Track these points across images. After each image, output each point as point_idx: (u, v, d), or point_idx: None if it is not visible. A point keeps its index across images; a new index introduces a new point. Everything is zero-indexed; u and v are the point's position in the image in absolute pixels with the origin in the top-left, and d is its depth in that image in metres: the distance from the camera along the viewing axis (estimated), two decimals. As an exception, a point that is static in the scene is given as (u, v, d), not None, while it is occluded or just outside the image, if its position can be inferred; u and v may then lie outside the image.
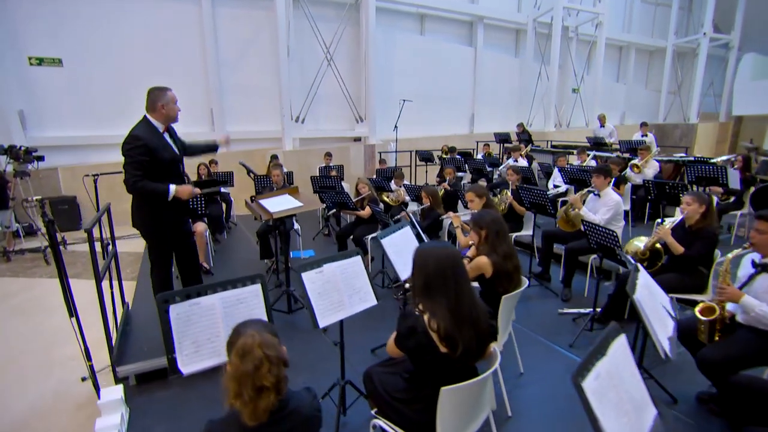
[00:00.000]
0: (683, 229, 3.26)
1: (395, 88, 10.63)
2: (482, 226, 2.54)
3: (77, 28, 7.38)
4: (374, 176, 7.55)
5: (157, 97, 2.83)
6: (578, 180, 5.41)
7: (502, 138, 10.33)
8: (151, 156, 2.70)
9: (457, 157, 8.07)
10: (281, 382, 1.27)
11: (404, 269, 2.71)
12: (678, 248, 3.12)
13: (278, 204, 3.27)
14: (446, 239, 4.27)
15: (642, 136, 8.32)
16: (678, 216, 3.32)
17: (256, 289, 1.85)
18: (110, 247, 3.39)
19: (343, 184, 6.97)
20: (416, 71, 11.19)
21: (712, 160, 5.94)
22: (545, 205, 4.11)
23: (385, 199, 5.87)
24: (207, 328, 1.70)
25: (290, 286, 3.64)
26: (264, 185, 6.06)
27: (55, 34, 7.23)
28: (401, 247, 2.79)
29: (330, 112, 10.01)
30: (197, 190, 2.95)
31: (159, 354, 2.84)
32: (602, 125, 9.80)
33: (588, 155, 7.08)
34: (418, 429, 1.72)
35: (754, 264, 2.48)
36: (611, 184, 4.27)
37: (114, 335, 3.03)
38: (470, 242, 2.60)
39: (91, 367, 2.51)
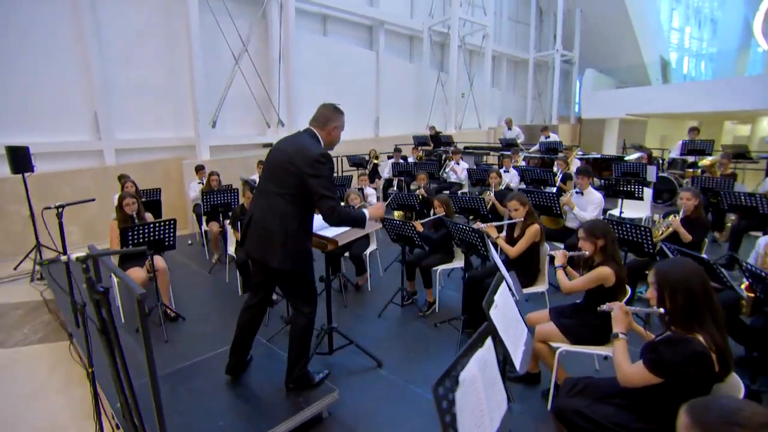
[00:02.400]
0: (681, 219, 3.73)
1: (304, 91, 10.07)
2: (598, 236, 2.49)
3: None
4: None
5: (333, 116, 2.44)
6: (539, 180, 5.82)
7: (420, 141, 10.63)
8: None
9: (401, 161, 8.01)
10: None
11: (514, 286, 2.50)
12: (688, 236, 3.55)
13: (331, 229, 2.73)
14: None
15: (545, 138, 9.39)
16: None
17: (490, 343, 1.48)
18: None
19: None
20: (322, 73, 10.81)
21: (626, 158, 7.00)
22: (551, 206, 4.30)
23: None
24: (473, 410, 1.28)
25: (332, 323, 3.10)
26: (214, 204, 5.11)
27: None
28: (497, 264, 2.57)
29: (238, 116, 9.05)
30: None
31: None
32: (509, 128, 10.80)
33: (519, 156, 7.69)
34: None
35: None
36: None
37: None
38: (585, 252, 2.53)
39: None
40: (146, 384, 2.69)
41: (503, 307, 1.91)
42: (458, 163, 7.43)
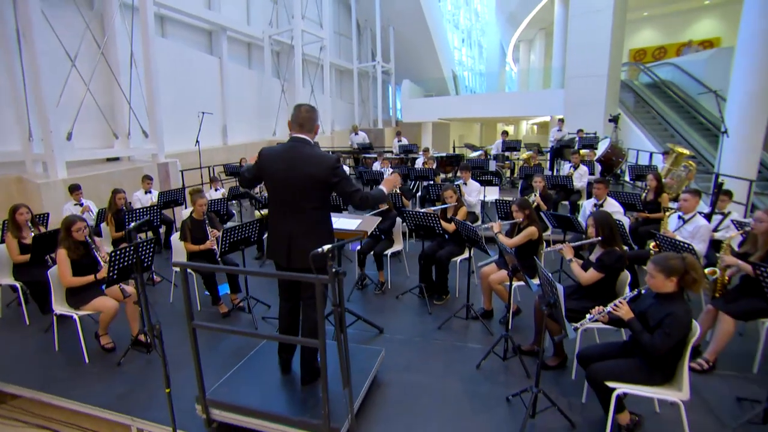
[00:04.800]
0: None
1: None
2: (525, 208, 3.81)
3: None
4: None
5: (314, 116, 2.57)
6: (421, 176, 7.21)
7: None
8: None
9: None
10: None
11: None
12: (544, 206, 5.34)
13: (343, 220, 3.31)
14: (400, 235, 5.10)
15: (398, 141, 11.07)
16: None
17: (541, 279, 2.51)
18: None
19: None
20: (167, 78, 10.09)
21: (473, 154, 9.07)
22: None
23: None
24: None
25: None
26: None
27: None
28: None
29: (78, 127, 7.84)
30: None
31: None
32: (356, 133, 12.14)
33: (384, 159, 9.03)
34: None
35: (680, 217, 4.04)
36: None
37: None
38: (518, 219, 3.83)
39: None
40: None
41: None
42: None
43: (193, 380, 2.52)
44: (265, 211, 6.04)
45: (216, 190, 6.93)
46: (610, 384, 2.28)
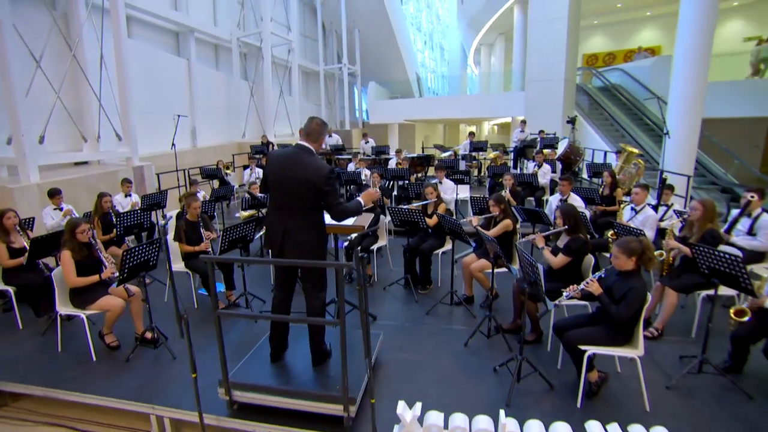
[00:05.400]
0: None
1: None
2: (501, 203, 4.25)
3: None
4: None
5: (323, 131, 2.87)
6: (397, 176, 7.58)
7: (258, 150, 11.12)
8: None
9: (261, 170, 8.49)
10: None
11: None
12: (514, 202, 5.83)
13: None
14: (385, 231, 5.43)
15: (365, 143, 11.41)
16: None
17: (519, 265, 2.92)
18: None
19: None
20: (132, 79, 9.93)
21: (443, 155, 9.53)
22: (431, 193, 6.03)
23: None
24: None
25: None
26: (128, 225, 4.85)
27: None
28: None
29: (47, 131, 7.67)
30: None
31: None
32: (330, 135, 12.37)
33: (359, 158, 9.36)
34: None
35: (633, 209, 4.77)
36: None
37: None
38: (494, 213, 4.25)
39: None
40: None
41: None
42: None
43: (201, 370, 2.71)
44: (249, 212, 6.23)
45: (197, 192, 7.00)
46: (582, 347, 2.72)
